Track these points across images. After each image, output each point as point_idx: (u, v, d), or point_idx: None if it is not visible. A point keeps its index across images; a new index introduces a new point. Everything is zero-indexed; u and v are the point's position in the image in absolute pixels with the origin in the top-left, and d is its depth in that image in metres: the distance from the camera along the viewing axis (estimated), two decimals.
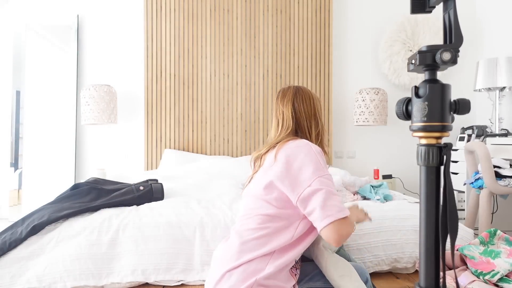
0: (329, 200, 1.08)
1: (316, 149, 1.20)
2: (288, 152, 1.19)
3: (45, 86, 3.59)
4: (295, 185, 1.12)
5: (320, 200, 1.07)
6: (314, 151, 1.18)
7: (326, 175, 1.13)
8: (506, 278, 1.38)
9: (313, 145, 1.20)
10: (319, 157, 1.17)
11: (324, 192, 1.09)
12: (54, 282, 1.64)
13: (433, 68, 0.69)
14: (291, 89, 1.38)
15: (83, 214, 1.85)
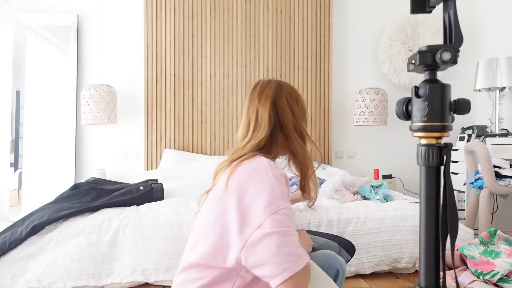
0: (284, 247, 0.83)
1: (275, 172, 0.93)
2: (242, 180, 0.93)
3: (45, 86, 3.59)
4: (243, 226, 0.87)
5: (273, 250, 0.83)
6: (272, 175, 0.91)
7: (282, 210, 0.87)
8: (506, 278, 1.38)
9: (272, 167, 0.94)
10: (276, 183, 0.90)
11: (276, 236, 0.83)
12: (54, 282, 1.64)
13: (433, 68, 0.69)
14: (273, 83, 1.11)
15: (83, 214, 1.85)
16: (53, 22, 3.59)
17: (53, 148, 3.57)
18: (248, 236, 0.85)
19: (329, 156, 3.68)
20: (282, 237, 0.84)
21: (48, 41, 3.62)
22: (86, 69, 3.65)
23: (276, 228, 0.84)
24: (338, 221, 1.87)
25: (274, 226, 0.84)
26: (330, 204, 2.02)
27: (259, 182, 0.90)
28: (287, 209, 0.88)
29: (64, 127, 3.58)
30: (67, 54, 3.61)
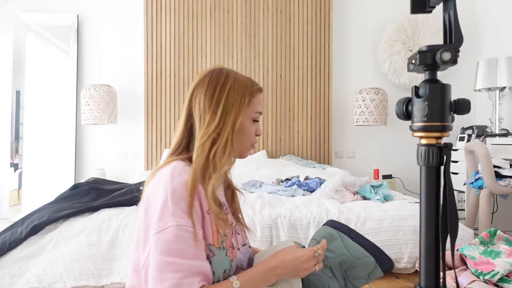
0: (162, 276, 0.72)
1: (175, 182, 0.79)
2: (148, 192, 0.83)
3: (45, 86, 3.59)
4: (144, 244, 0.79)
5: (150, 279, 0.74)
6: (170, 187, 0.79)
7: (169, 228, 0.75)
8: (506, 278, 1.38)
9: (175, 175, 0.81)
10: (172, 196, 0.78)
11: (155, 262, 0.74)
12: (54, 282, 1.64)
13: (433, 68, 0.69)
14: (205, 71, 0.94)
15: (83, 214, 1.85)
16: (53, 22, 3.59)
17: (53, 148, 3.57)
18: (144, 257, 0.78)
19: (329, 156, 3.68)
20: (160, 265, 0.73)
21: (48, 41, 3.62)
22: (86, 69, 3.65)
23: (156, 252, 0.74)
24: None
25: (156, 248, 0.74)
26: (330, 204, 2.02)
27: (158, 195, 0.80)
28: (177, 227, 0.75)
29: (64, 127, 3.58)
30: (67, 54, 3.61)
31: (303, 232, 1.84)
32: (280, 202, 2.10)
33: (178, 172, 0.82)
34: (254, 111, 0.94)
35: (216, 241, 0.82)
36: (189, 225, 0.77)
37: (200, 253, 0.77)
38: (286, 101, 3.66)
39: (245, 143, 0.95)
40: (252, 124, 0.94)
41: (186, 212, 0.78)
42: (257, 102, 0.95)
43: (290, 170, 2.98)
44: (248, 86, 0.93)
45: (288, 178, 2.70)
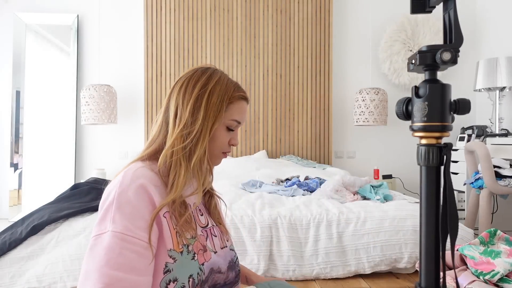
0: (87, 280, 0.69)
1: (125, 185, 0.75)
2: (104, 194, 0.80)
3: (45, 86, 3.59)
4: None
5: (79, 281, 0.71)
6: (117, 190, 0.75)
7: (106, 233, 0.71)
8: (506, 278, 1.38)
9: (126, 177, 0.76)
10: (117, 200, 0.74)
11: (83, 268, 0.71)
12: (54, 282, 1.64)
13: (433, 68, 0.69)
14: (201, 68, 0.90)
15: (83, 214, 1.86)
16: (53, 22, 3.59)
17: (53, 148, 3.57)
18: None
19: (329, 156, 3.68)
20: (86, 273, 0.69)
21: (48, 41, 3.62)
22: (86, 69, 3.65)
23: (88, 256, 0.71)
24: (338, 221, 1.87)
25: (89, 252, 0.71)
26: (330, 204, 2.02)
27: (107, 198, 0.76)
28: (113, 234, 0.70)
29: (64, 127, 3.58)
30: (67, 54, 3.61)
31: (303, 232, 1.85)
32: (280, 202, 2.10)
33: (130, 175, 0.77)
34: (229, 118, 0.87)
35: (176, 245, 0.77)
36: (127, 233, 0.71)
37: (135, 264, 0.70)
38: (286, 101, 3.66)
39: (215, 150, 0.88)
40: (225, 131, 0.88)
41: (128, 218, 0.72)
42: (236, 109, 0.88)
43: (290, 170, 2.98)
44: (230, 91, 0.87)
45: (288, 178, 2.70)
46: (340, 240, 1.84)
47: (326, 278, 1.82)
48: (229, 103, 0.87)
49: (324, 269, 1.81)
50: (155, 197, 0.77)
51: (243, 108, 0.91)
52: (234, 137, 0.92)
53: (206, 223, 0.91)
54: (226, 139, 0.89)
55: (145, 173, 0.79)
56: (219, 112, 0.85)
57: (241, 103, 0.90)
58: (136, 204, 0.74)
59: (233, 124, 0.89)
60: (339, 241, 1.83)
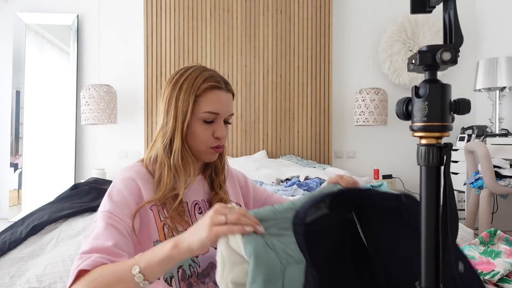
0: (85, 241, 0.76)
1: (124, 175, 0.85)
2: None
3: (45, 86, 3.59)
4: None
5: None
6: (120, 178, 0.85)
7: (105, 212, 0.79)
8: (506, 278, 1.38)
9: (126, 170, 0.86)
10: (117, 186, 0.83)
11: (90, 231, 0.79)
12: (54, 282, 1.64)
13: (433, 68, 0.69)
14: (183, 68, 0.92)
15: (83, 214, 1.85)
16: (53, 22, 3.59)
17: (53, 148, 3.57)
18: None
19: (329, 156, 3.68)
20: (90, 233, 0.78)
21: (48, 41, 3.62)
22: (86, 69, 3.65)
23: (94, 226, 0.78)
24: None
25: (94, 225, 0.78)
26: None
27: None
28: (107, 213, 0.78)
29: (64, 127, 3.58)
30: (67, 54, 3.61)
31: None
32: None
33: (125, 170, 0.86)
34: (201, 111, 0.86)
35: (162, 237, 0.81)
36: (114, 213, 0.78)
37: (116, 237, 0.75)
38: (286, 101, 3.66)
39: (199, 146, 0.88)
40: (202, 125, 0.87)
41: (117, 204, 0.80)
42: (206, 101, 0.86)
43: (290, 170, 2.98)
44: (197, 85, 0.85)
45: (288, 178, 2.70)
46: None
47: None
48: (197, 96, 0.85)
49: None
50: (143, 190, 0.83)
51: (216, 97, 0.87)
52: (217, 129, 0.88)
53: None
54: (207, 133, 0.87)
55: (138, 170, 0.87)
56: (187, 108, 0.85)
57: (212, 93, 0.87)
58: (124, 194, 0.81)
59: (209, 117, 0.87)
60: None
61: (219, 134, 0.88)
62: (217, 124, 0.88)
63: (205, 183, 0.97)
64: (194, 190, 0.93)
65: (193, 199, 0.92)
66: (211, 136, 0.88)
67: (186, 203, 0.90)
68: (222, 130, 0.89)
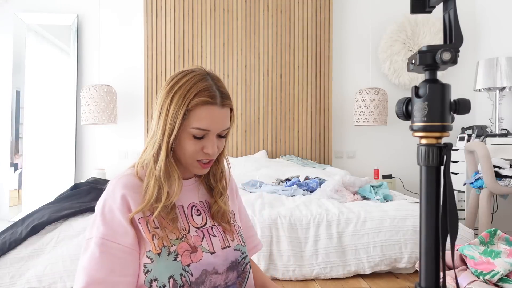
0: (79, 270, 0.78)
1: (111, 190, 0.83)
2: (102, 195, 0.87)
3: (45, 86, 3.59)
4: None
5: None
6: (105, 195, 0.83)
7: (92, 239, 0.79)
8: (506, 278, 1.38)
9: (114, 182, 0.84)
10: (104, 204, 0.82)
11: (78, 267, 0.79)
12: (54, 282, 1.64)
13: (433, 68, 0.69)
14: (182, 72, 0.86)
15: (83, 214, 1.85)
16: (53, 22, 3.59)
17: (53, 148, 3.57)
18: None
19: (329, 156, 3.69)
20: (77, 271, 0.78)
21: (48, 41, 3.62)
22: (86, 69, 3.65)
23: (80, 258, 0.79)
24: (338, 221, 1.87)
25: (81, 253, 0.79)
26: (330, 204, 2.02)
27: (98, 204, 0.84)
28: (100, 239, 0.77)
29: (64, 127, 3.58)
30: (67, 54, 3.61)
31: (303, 232, 1.85)
32: (280, 202, 2.10)
33: (114, 184, 0.83)
34: (190, 127, 0.81)
35: (153, 247, 0.80)
36: (107, 238, 0.78)
37: (112, 265, 0.77)
38: (286, 101, 3.66)
39: (186, 160, 0.85)
40: (191, 140, 0.82)
41: (110, 224, 0.79)
42: (196, 117, 0.81)
43: (290, 170, 2.98)
44: (189, 97, 0.80)
45: (288, 178, 2.70)
46: (340, 240, 1.84)
47: (326, 278, 1.82)
48: (187, 110, 0.80)
49: (324, 269, 1.81)
50: (133, 206, 0.81)
51: (207, 114, 0.81)
52: (207, 145, 0.83)
53: (203, 223, 0.89)
54: (196, 147, 0.83)
55: (127, 182, 0.83)
56: (176, 122, 0.80)
57: (204, 109, 0.81)
58: (116, 212, 0.80)
59: (198, 133, 0.82)
60: (339, 241, 1.83)
61: (209, 151, 0.83)
62: (207, 140, 0.84)
63: (201, 186, 0.95)
64: (188, 193, 0.91)
65: (189, 202, 0.90)
66: (200, 151, 0.84)
67: (182, 207, 0.88)
68: (212, 147, 0.84)
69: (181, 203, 0.88)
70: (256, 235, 1.11)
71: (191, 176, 0.94)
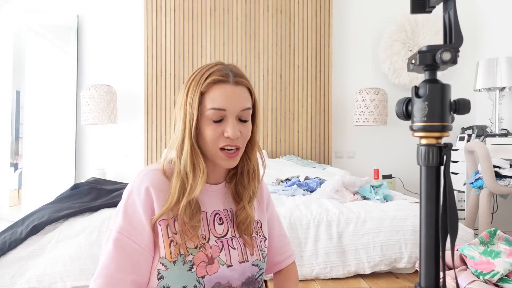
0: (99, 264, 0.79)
1: (135, 183, 0.81)
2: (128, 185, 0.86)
3: (45, 86, 3.59)
4: None
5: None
6: (130, 187, 0.81)
7: (112, 231, 0.79)
8: (506, 278, 1.38)
9: (138, 176, 0.82)
10: (128, 197, 0.80)
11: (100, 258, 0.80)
12: (54, 282, 1.64)
13: (433, 68, 0.69)
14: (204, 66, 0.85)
15: (83, 214, 1.86)
16: (53, 22, 3.59)
17: (53, 148, 3.57)
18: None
19: (329, 156, 3.68)
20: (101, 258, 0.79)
21: (48, 41, 3.63)
22: (86, 69, 3.65)
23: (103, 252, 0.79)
24: (338, 221, 1.87)
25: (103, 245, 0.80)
26: (330, 204, 2.02)
27: (124, 194, 0.83)
28: (117, 234, 0.77)
29: (64, 127, 3.58)
30: (67, 54, 3.61)
31: (303, 232, 1.85)
32: (280, 202, 2.10)
33: (141, 177, 0.81)
34: (206, 109, 0.78)
35: (168, 254, 0.77)
36: (124, 233, 0.77)
37: (124, 263, 0.77)
38: (286, 101, 3.66)
39: (209, 148, 0.80)
40: (210, 125, 0.79)
41: (129, 219, 0.78)
42: (210, 98, 0.78)
43: (290, 170, 2.98)
44: (201, 82, 0.79)
45: (288, 178, 2.70)
46: (340, 240, 1.84)
47: (326, 278, 1.82)
48: (201, 94, 0.79)
49: (324, 269, 1.81)
50: (156, 204, 0.79)
51: (220, 92, 0.79)
52: (226, 129, 0.79)
53: (224, 233, 0.85)
54: (215, 132, 0.79)
55: (153, 177, 0.81)
56: (193, 107, 0.78)
57: (216, 88, 0.79)
58: (138, 207, 0.79)
59: (215, 114, 0.78)
60: (339, 241, 1.83)
61: (229, 133, 0.78)
62: (227, 123, 0.79)
63: (228, 193, 0.89)
64: (214, 199, 0.86)
65: (213, 208, 0.85)
66: (221, 136, 0.80)
67: (206, 213, 0.84)
68: (232, 129, 0.79)
69: (205, 209, 0.84)
70: (289, 244, 1.03)
71: (220, 181, 0.89)
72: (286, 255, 1.00)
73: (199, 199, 0.83)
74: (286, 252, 1.01)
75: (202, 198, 0.84)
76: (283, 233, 1.02)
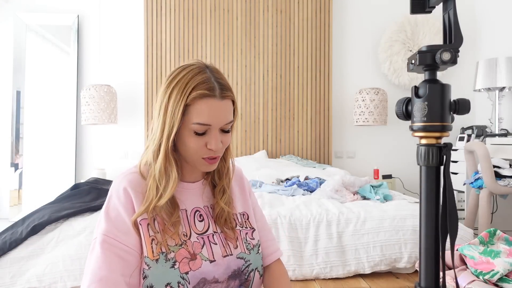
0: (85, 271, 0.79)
1: (116, 185, 0.82)
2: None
3: (45, 86, 3.59)
4: None
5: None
6: (112, 191, 0.83)
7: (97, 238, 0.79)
8: (506, 278, 1.38)
9: (121, 178, 0.83)
10: (110, 201, 0.82)
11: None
12: (54, 282, 1.64)
13: (433, 68, 0.69)
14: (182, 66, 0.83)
15: (83, 214, 1.86)
16: (53, 22, 3.59)
17: (53, 148, 3.57)
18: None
19: (329, 156, 3.69)
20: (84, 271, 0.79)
21: (48, 41, 3.62)
22: (86, 69, 3.65)
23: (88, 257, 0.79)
24: (338, 221, 1.87)
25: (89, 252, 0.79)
26: (330, 204, 2.02)
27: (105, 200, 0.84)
28: (103, 236, 0.77)
29: (64, 127, 3.58)
30: (67, 54, 3.61)
31: (303, 232, 1.85)
32: (280, 202, 2.10)
33: (120, 180, 0.83)
34: (191, 122, 0.77)
35: (150, 253, 0.78)
36: (110, 236, 0.78)
37: (113, 264, 0.76)
38: (286, 101, 3.66)
39: (191, 157, 0.82)
40: (193, 137, 0.79)
41: (113, 222, 0.79)
42: (195, 111, 0.77)
43: (290, 170, 2.98)
44: (187, 92, 0.76)
45: (288, 178, 2.70)
46: (340, 240, 1.84)
47: (326, 278, 1.83)
48: (186, 105, 0.77)
49: (324, 269, 1.81)
50: (136, 204, 0.81)
51: (206, 107, 0.77)
52: (210, 141, 0.80)
53: (204, 229, 0.86)
54: (198, 144, 0.79)
55: (131, 179, 0.82)
56: (175, 118, 0.77)
57: (203, 103, 0.77)
58: (120, 209, 0.80)
59: (199, 128, 0.78)
60: (339, 241, 1.83)
61: (212, 146, 0.79)
62: (210, 135, 0.80)
63: (207, 189, 0.91)
64: (193, 196, 0.88)
65: (193, 206, 0.87)
66: (204, 148, 0.80)
67: (185, 211, 0.85)
68: (216, 142, 0.80)
69: (185, 206, 0.86)
70: (273, 240, 1.01)
71: (198, 179, 0.91)
72: (268, 251, 0.97)
73: (178, 197, 0.84)
74: (268, 247, 0.98)
75: (181, 196, 0.85)
76: (266, 228, 1.01)
